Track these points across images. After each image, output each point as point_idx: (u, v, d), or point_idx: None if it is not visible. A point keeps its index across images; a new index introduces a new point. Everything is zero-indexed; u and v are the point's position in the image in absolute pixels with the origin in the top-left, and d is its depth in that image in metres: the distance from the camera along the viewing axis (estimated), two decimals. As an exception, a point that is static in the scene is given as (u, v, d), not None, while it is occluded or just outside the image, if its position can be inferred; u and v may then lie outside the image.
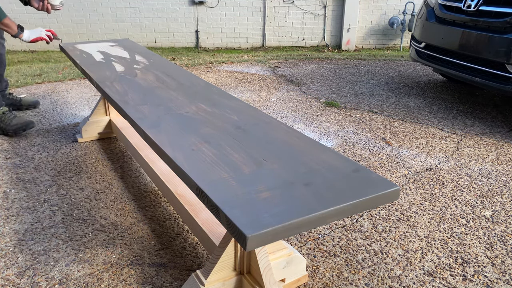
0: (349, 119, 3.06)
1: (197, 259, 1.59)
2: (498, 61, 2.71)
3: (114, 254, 1.61)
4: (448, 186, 2.13)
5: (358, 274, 1.52)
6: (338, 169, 1.10)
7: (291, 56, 5.34)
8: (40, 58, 5.20)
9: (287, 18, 6.11)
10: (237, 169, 1.09)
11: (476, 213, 1.90)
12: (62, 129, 2.81)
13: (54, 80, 4.00)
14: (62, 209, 1.89)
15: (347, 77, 4.24)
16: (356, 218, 1.86)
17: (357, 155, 2.47)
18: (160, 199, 1.99)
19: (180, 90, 1.76)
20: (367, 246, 1.67)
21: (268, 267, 1.25)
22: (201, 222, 1.54)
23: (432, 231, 1.77)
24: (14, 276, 1.49)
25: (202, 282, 1.23)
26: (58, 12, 5.67)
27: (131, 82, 1.86)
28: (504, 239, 1.72)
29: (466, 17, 2.95)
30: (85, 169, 2.26)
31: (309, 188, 1.01)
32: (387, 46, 6.35)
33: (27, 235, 1.72)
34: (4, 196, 2.00)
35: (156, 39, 5.98)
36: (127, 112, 1.49)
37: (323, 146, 1.24)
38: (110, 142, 2.62)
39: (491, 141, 2.69)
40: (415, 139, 2.71)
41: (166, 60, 2.30)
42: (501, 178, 2.21)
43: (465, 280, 1.50)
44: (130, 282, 1.47)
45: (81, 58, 2.30)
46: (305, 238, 1.71)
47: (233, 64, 4.79)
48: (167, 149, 1.20)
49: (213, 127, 1.37)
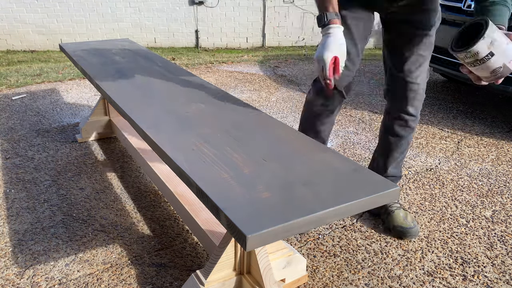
0: (349, 119, 3.06)
1: (197, 259, 1.59)
2: (498, 61, 2.70)
3: (114, 254, 1.61)
4: (448, 186, 2.13)
5: (358, 274, 1.52)
6: (338, 169, 1.10)
7: (291, 56, 5.34)
8: (40, 58, 5.20)
9: (287, 18, 6.10)
10: (237, 169, 1.09)
11: (476, 213, 1.90)
12: (62, 129, 2.80)
13: (54, 80, 4.00)
14: (62, 209, 1.89)
15: (347, 77, 4.24)
16: (356, 218, 1.85)
17: (357, 155, 2.47)
18: (160, 199, 1.99)
19: (180, 90, 1.76)
20: (367, 246, 1.67)
21: (268, 267, 1.25)
22: (201, 222, 1.54)
23: (432, 231, 1.77)
24: (14, 276, 1.49)
25: (202, 282, 1.23)
26: (58, 12, 5.66)
27: (131, 82, 1.86)
28: (504, 239, 1.72)
29: (466, 17, 2.94)
30: (85, 169, 2.26)
31: (309, 188, 1.00)
32: (387, 46, 6.35)
33: (27, 235, 1.72)
34: (4, 196, 2.00)
35: (156, 39, 5.98)
36: (127, 112, 1.49)
37: (323, 146, 1.24)
38: (110, 142, 2.62)
39: (491, 141, 2.69)
40: (415, 139, 2.71)
41: (166, 60, 2.30)
42: (501, 178, 2.21)
43: (465, 280, 1.50)
44: (130, 282, 1.47)
45: (81, 58, 2.30)
46: (305, 238, 1.71)
47: (233, 64, 4.79)
48: (167, 149, 1.20)
49: (213, 127, 1.37)
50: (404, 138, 1.76)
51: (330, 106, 1.67)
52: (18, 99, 3.42)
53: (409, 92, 1.65)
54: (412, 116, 1.70)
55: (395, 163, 1.81)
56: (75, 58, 2.29)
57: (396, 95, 1.69)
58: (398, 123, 1.73)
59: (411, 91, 1.65)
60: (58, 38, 5.81)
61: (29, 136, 2.68)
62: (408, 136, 1.76)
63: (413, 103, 1.67)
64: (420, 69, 1.63)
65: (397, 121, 1.72)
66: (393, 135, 1.76)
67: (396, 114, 1.72)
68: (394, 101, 1.71)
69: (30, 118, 2.99)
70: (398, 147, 1.78)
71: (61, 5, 5.67)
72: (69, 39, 5.85)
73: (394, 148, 1.78)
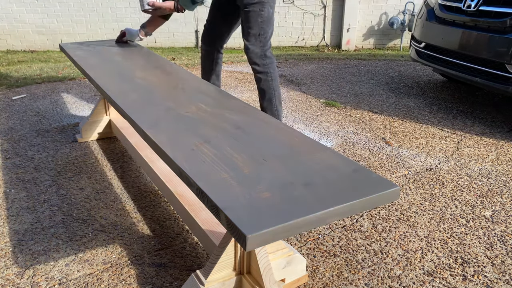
0: (349, 119, 3.06)
1: (197, 259, 1.59)
2: (498, 61, 2.71)
3: (114, 254, 1.61)
4: (448, 186, 2.13)
5: (358, 274, 1.52)
6: (338, 169, 1.10)
7: (291, 56, 5.34)
8: (40, 58, 5.20)
9: (287, 18, 6.11)
10: (237, 169, 1.09)
11: (476, 213, 1.90)
12: (62, 129, 2.81)
13: (54, 80, 4.00)
14: (62, 209, 1.89)
15: (347, 77, 4.24)
16: (356, 218, 1.86)
17: (357, 155, 2.47)
18: (160, 199, 1.99)
19: (180, 89, 1.76)
20: (367, 246, 1.67)
21: (268, 267, 1.25)
22: (201, 222, 1.54)
23: (432, 231, 1.77)
24: (14, 276, 1.49)
25: (202, 282, 1.23)
26: (58, 12, 5.66)
27: (131, 82, 1.86)
28: (504, 239, 1.72)
29: (466, 17, 2.95)
30: (85, 169, 2.26)
31: (309, 188, 1.01)
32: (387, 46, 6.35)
33: (27, 235, 1.72)
34: (4, 196, 2.00)
35: (156, 39, 5.98)
36: (127, 112, 1.49)
37: (323, 146, 1.24)
38: (110, 142, 2.62)
39: (491, 141, 2.69)
40: (415, 139, 2.71)
41: (166, 59, 2.30)
42: (501, 178, 2.21)
43: (465, 280, 1.50)
44: (130, 282, 1.47)
45: (81, 58, 2.30)
46: (305, 238, 1.71)
47: (233, 64, 4.79)
48: (167, 149, 1.20)
49: (213, 127, 1.37)
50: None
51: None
52: (18, 99, 3.42)
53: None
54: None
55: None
56: (75, 58, 2.29)
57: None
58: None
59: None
60: (58, 38, 5.82)
61: (29, 136, 2.68)
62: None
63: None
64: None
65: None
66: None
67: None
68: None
69: (30, 118, 2.99)
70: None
71: (61, 5, 5.67)
72: (69, 39, 5.85)
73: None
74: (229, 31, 2.56)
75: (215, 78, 2.67)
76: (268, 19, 2.29)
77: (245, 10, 2.26)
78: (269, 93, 2.42)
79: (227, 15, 2.49)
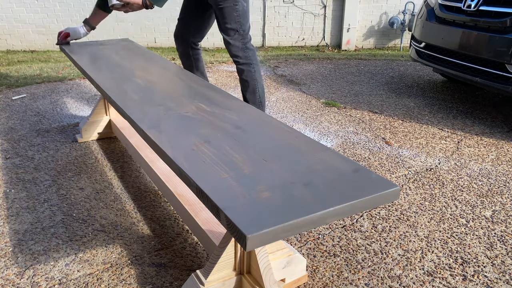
0: (349, 119, 3.06)
1: (197, 259, 1.59)
2: (498, 61, 2.71)
3: (114, 254, 1.61)
4: (448, 186, 2.13)
5: (358, 274, 1.52)
6: (338, 169, 1.10)
7: (291, 56, 5.34)
8: (40, 58, 5.20)
9: (287, 18, 6.11)
10: (237, 169, 1.09)
11: (476, 213, 1.90)
12: (62, 129, 2.81)
13: (54, 80, 4.00)
14: (62, 209, 1.89)
15: (347, 77, 4.24)
16: (356, 218, 1.86)
17: (357, 155, 2.47)
18: (160, 199, 1.99)
19: (180, 89, 1.76)
20: (367, 246, 1.67)
21: (268, 267, 1.25)
22: (201, 222, 1.54)
23: (432, 231, 1.77)
24: (14, 276, 1.49)
25: (202, 282, 1.23)
26: (58, 12, 5.66)
27: (131, 82, 1.86)
28: (504, 239, 1.72)
29: (466, 17, 2.95)
30: (85, 169, 2.26)
31: (309, 188, 1.01)
32: (387, 46, 6.35)
33: (27, 235, 1.72)
34: (4, 196, 2.00)
35: (156, 39, 5.98)
36: (127, 112, 1.49)
37: (323, 146, 1.24)
38: (110, 142, 2.62)
39: (491, 141, 2.69)
40: (415, 139, 2.71)
41: (166, 59, 2.30)
42: (501, 178, 2.21)
43: (465, 280, 1.50)
44: (130, 282, 1.47)
45: (81, 58, 2.30)
46: (305, 238, 1.71)
47: (233, 64, 4.78)
48: (167, 149, 1.20)
49: (213, 127, 1.37)
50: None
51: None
52: (18, 99, 3.42)
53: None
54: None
55: None
56: (75, 58, 2.29)
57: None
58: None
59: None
60: (58, 38, 5.81)
61: (29, 136, 2.68)
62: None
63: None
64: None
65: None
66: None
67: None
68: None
69: (30, 118, 2.99)
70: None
71: (61, 5, 5.67)
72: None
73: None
74: (201, 26, 2.56)
75: (199, 75, 2.69)
76: (244, 12, 2.32)
77: (219, 7, 2.28)
78: (252, 84, 2.43)
79: (197, 10, 2.51)
